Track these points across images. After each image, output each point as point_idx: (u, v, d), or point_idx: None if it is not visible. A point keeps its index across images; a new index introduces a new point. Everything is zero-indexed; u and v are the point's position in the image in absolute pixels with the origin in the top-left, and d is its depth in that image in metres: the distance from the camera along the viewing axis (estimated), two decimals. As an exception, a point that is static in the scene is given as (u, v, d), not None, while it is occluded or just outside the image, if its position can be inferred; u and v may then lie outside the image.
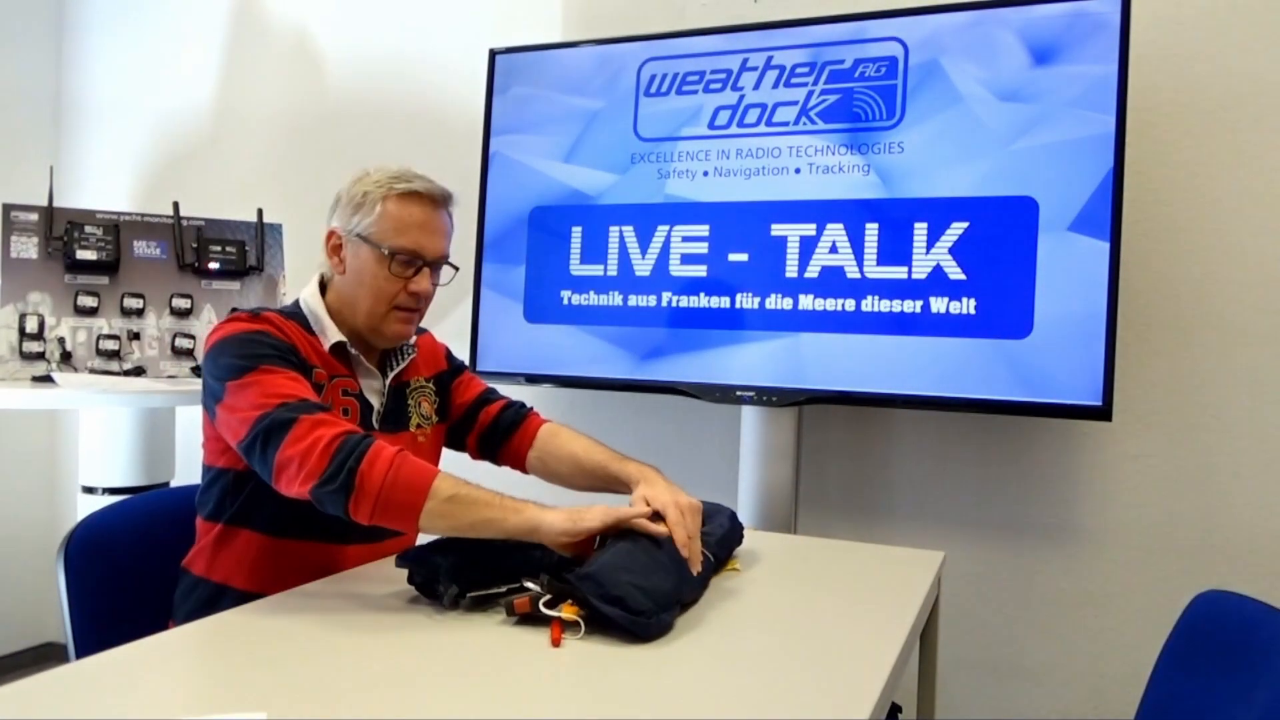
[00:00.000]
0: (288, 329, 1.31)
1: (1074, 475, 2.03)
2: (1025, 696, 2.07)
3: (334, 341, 1.35)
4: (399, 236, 1.33)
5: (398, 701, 0.87)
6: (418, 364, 1.49)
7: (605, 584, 1.04)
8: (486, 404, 1.55)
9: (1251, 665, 1.08)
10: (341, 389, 1.35)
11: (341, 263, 1.37)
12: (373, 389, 1.41)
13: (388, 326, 1.36)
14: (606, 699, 0.90)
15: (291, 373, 1.24)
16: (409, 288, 1.34)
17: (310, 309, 1.38)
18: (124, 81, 3.06)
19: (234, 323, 1.29)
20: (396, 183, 1.34)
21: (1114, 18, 1.78)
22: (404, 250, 1.33)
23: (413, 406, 1.46)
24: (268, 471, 1.17)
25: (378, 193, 1.33)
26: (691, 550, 1.18)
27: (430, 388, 1.51)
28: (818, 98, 2.01)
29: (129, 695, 0.87)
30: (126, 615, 1.33)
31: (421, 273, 1.35)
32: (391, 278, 1.33)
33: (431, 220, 1.36)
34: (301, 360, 1.29)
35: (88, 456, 2.20)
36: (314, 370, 1.31)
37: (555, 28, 2.49)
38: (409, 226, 1.33)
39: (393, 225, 1.32)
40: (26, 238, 2.23)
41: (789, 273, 2.00)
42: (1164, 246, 1.96)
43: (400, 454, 1.15)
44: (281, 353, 1.26)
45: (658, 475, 1.35)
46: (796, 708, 0.89)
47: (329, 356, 1.35)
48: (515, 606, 1.07)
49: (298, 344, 1.31)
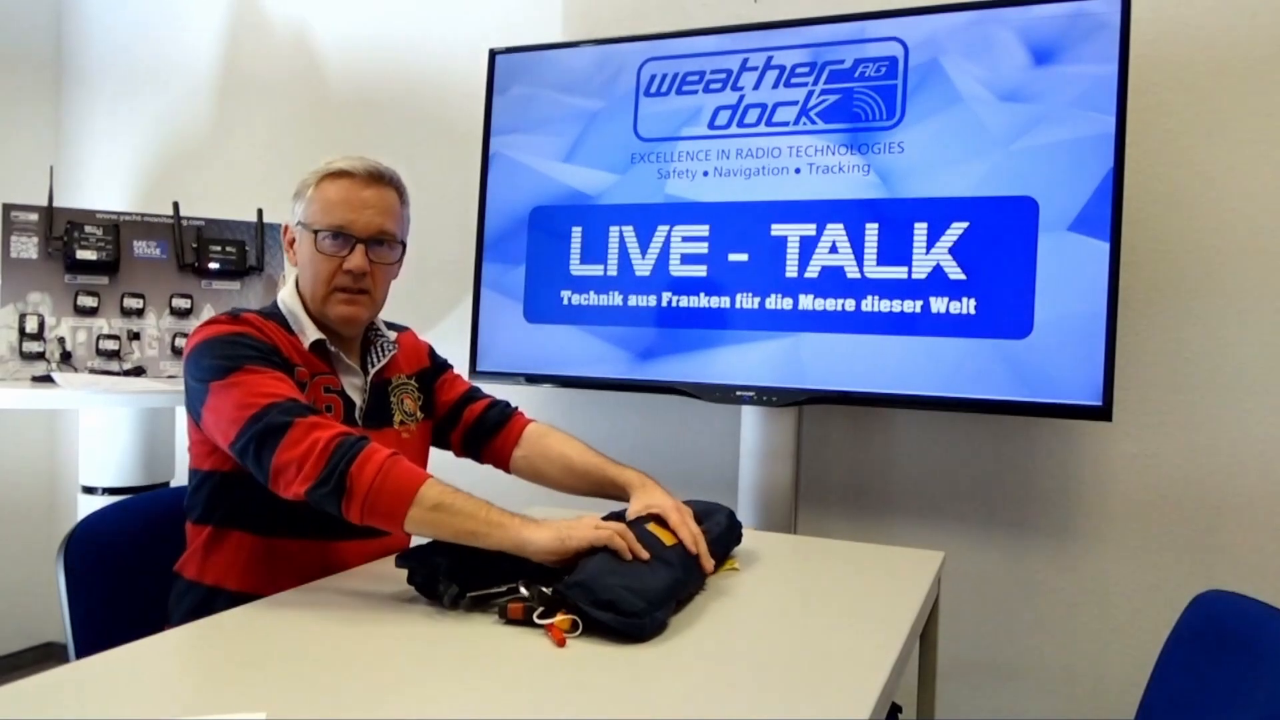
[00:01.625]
0: (267, 329, 1.32)
1: (1074, 475, 2.03)
2: (1025, 696, 2.07)
3: (313, 339, 1.36)
4: (326, 215, 1.34)
5: (397, 701, 0.87)
6: (399, 361, 1.50)
7: (595, 590, 1.05)
8: (471, 402, 1.56)
9: (1251, 665, 1.08)
10: (324, 386, 1.36)
11: (294, 255, 1.40)
12: (354, 386, 1.41)
13: (331, 309, 1.36)
14: (606, 699, 0.90)
15: (275, 372, 1.24)
16: (344, 266, 1.34)
17: (289, 308, 1.39)
18: (124, 81, 3.06)
19: (213, 325, 1.30)
20: (330, 165, 1.37)
21: (1114, 18, 1.78)
22: (329, 227, 1.34)
23: (395, 404, 1.46)
24: (264, 475, 1.17)
25: (312, 179, 1.37)
26: (701, 549, 1.20)
27: (413, 385, 1.51)
28: (818, 98, 2.01)
29: (129, 695, 0.87)
30: (126, 615, 1.33)
31: (355, 250, 1.34)
32: (323, 257, 1.34)
33: (359, 196, 1.35)
34: (284, 360, 1.30)
35: (88, 456, 2.20)
36: (296, 369, 1.32)
37: (555, 28, 2.49)
38: (335, 204, 1.34)
39: (320, 205, 1.35)
40: (26, 238, 2.23)
41: (789, 273, 2.00)
42: (1164, 246, 1.96)
43: (392, 458, 1.15)
44: (263, 353, 1.26)
45: (655, 482, 1.37)
46: (796, 708, 0.89)
47: (309, 354, 1.36)
48: (509, 612, 1.07)
49: (279, 343, 1.32)
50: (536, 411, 1.63)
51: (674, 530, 1.21)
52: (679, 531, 1.20)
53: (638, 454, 2.37)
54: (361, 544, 1.35)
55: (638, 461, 1.45)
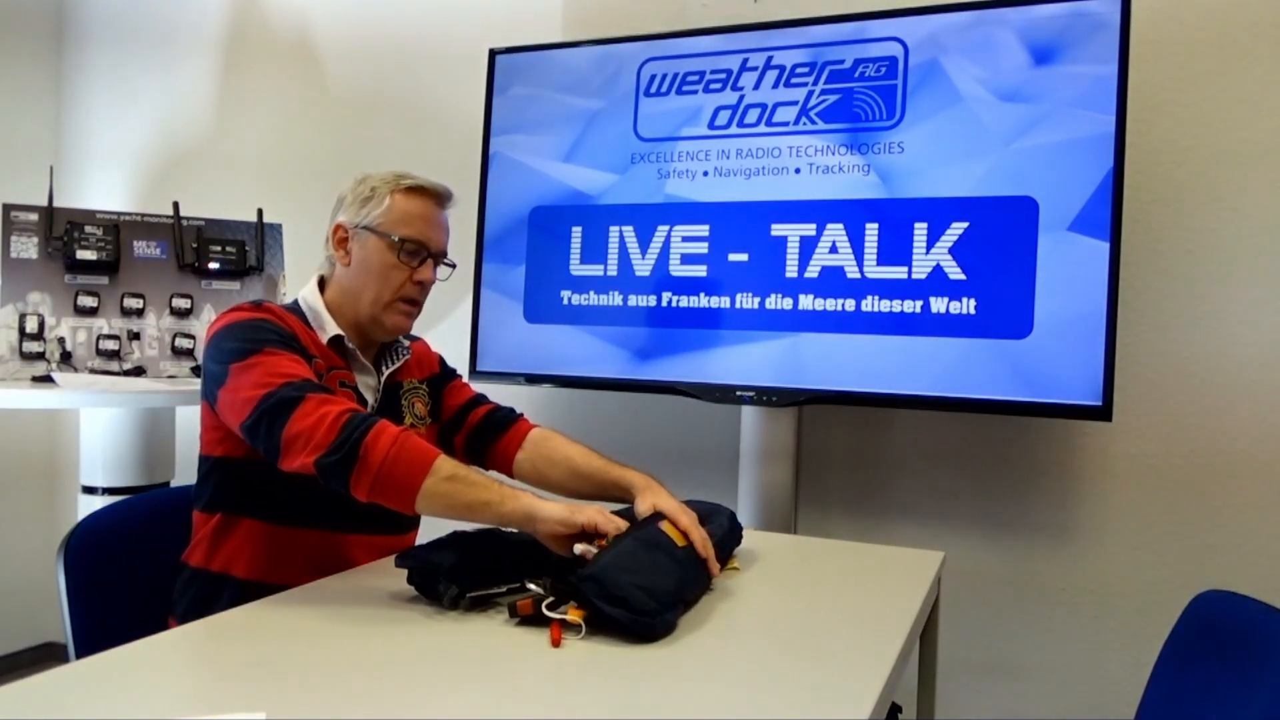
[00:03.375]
0: (288, 320, 1.35)
1: (1074, 475, 2.03)
2: (1025, 696, 2.07)
3: (331, 335, 1.38)
4: (407, 226, 1.39)
5: (397, 702, 0.87)
6: (411, 366, 1.52)
7: (608, 585, 1.04)
8: (476, 406, 1.58)
9: (1251, 665, 1.08)
10: (339, 380, 1.37)
11: (348, 255, 1.41)
12: (367, 385, 1.43)
13: (389, 317, 1.40)
14: (606, 699, 0.90)
15: (294, 355, 1.26)
16: (414, 277, 1.40)
17: (309, 305, 1.41)
18: (124, 81, 3.06)
19: (236, 312, 1.33)
20: (403, 179, 1.41)
21: (1114, 18, 1.78)
22: (412, 239, 1.39)
23: (406, 406, 1.48)
24: (274, 447, 1.18)
25: (385, 188, 1.40)
26: (708, 553, 1.20)
27: (424, 390, 1.53)
28: (818, 98, 2.01)
29: (129, 695, 0.87)
30: (126, 615, 1.33)
31: (426, 263, 1.41)
32: (399, 265, 1.38)
33: (435, 215, 1.43)
34: (303, 348, 1.32)
35: (88, 456, 2.20)
36: (314, 360, 1.33)
37: (555, 28, 2.49)
38: (416, 218, 1.40)
39: (401, 216, 1.39)
40: (26, 238, 2.23)
41: (789, 273, 2.00)
42: (1164, 246, 1.96)
43: (404, 432, 1.17)
44: (284, 339, 1.29)
45: (659, 484, 1.38)
46: (796, 708, 0.89)
47: (327, 349, 1.38)
48: (518, 608, 1.07)
49: (298, 333, 1.34)
50: (537, 411, 1.64)
51: (684, 532, 1.20)
52: (690, 534, 1.20)
53: (638, 454, 2.36)
54: (370, 539, 1.37)
55: (638, 461, 1.45)
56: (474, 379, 2.23)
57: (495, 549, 1.19)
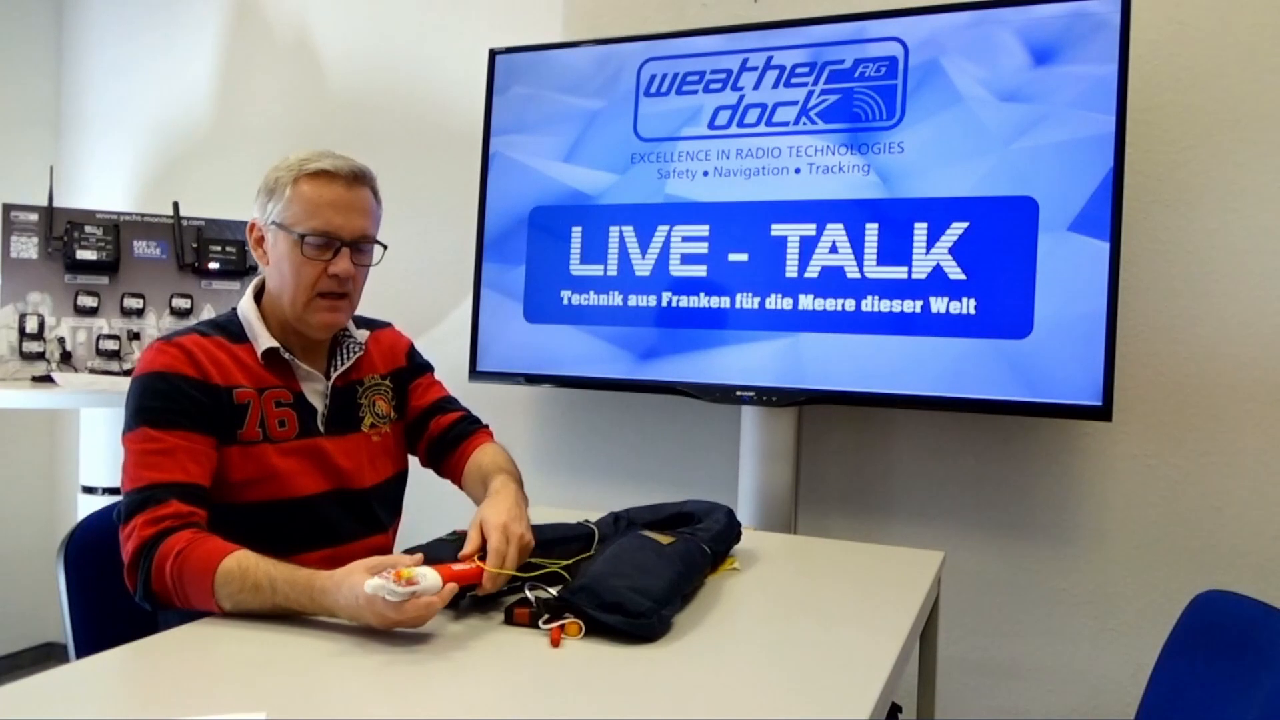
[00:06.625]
0: (205, 354, 1.26)
1: (1074, 475, 2.03)
2: (1025, 696, 2.07)
3: (265, 349, 1.31)
4: (311, 218, 1.28)
5: (397, 701, 0.87)
6: (373, 361, 1.45)
7: (600, 592, 1.05)
8: (441, 413, 1.50)
9: (1251, 665, 1.08)
10: (275, 400, 1.30)
11: (265, 255, 1.33)
12: (315, 391, 1.36)
13: (313, 316, 1.31)
14: (606, 699, 0.90)
15: (173, 436, 1.20)
16: (329, 270, 1.29)
17: (245, 316, 1.34)
18: (124, 81, 3.06)
19: (150, 353, 1.26)
20: (306, 164, 1.30)
21: (1114, 18, 1.78)
22: (316, 232, 1.28)
23: (366, 406, 1.41)
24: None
25: (288, 176, 1.30)
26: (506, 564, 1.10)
27: (386, 385, 1.46)
28: (818, 98, 2.01)
29: (129, 695, 0.87)
30: (126, 615, 1.33)
31: (340, 254, 1.30)
32: (308, 262, 1.28)
33: (343, 198, 1.30)
34: (209, 398, 1.24)
35: (88, 456, 2.20)
36: (234, 391, 1.26)
37: (555, 28, 2.49)
38: (320, 207, 1.28)
39: (304, 207, 1.28)
40: (26, 238, 2.23)
41: (789, 273, 2.00)
42: (1164, 246, 1.96)
43: (182, 553, 1.11)
44: (172, 405, 1.21)
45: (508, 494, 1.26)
46: (796, 708, 0.89)
47: (259, 368, 1.31)
48: (515, 616, 1.08)
49: (210, 373, 1.25)
50: (536, 411, 1.62)
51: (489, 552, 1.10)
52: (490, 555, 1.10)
53: (638, 454, 2.37)
54: (329, 552, 1.29)
55: (638, 461, 1.45)
56: (474, 379, 2.23)
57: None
